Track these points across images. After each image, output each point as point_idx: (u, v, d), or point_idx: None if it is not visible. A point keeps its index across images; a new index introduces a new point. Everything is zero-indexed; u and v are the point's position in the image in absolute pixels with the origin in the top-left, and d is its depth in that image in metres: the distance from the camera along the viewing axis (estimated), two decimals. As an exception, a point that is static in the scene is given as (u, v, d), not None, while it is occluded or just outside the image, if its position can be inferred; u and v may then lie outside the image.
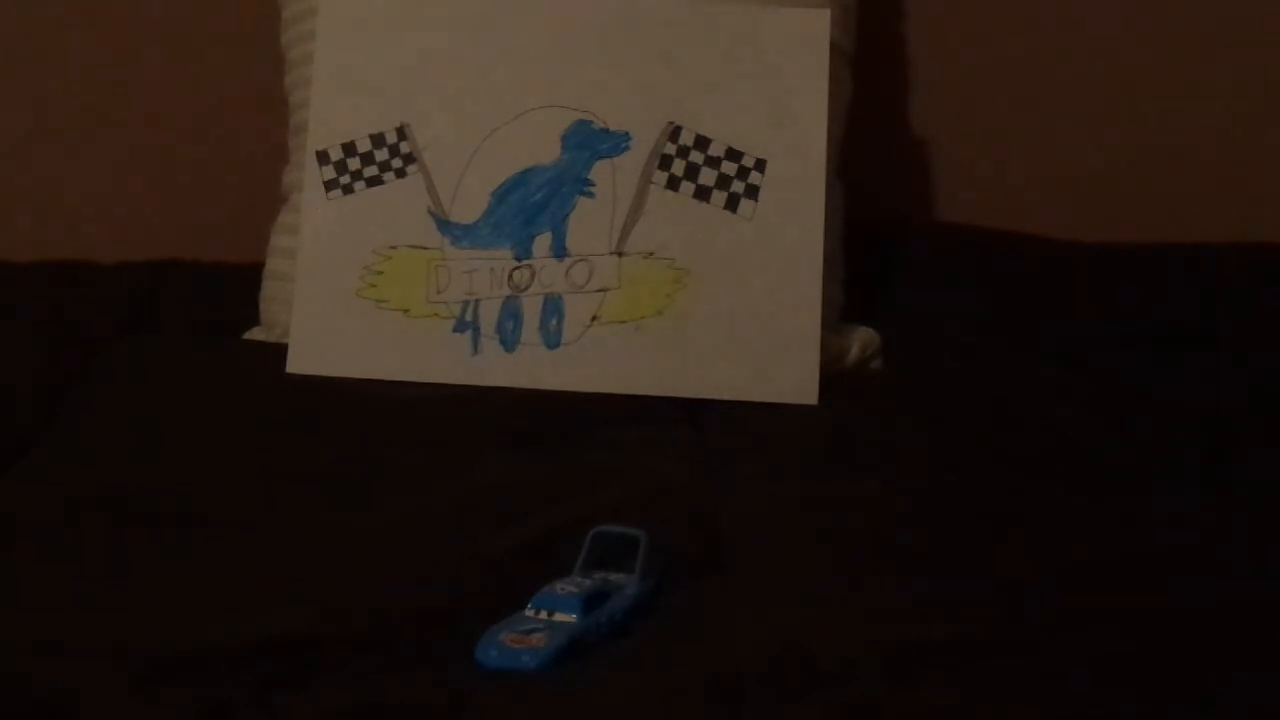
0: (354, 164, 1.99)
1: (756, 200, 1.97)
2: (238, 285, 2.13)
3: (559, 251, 1.97)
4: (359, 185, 1.99)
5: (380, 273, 1.97)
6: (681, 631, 1.43)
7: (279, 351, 1.98)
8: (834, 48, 2.02)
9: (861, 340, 2.05)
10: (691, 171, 1.97)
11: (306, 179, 2.00)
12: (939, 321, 2.12)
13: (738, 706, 1.31)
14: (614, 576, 1.47)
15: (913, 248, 2.24)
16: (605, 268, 1.96)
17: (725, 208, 1.97)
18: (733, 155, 1.97)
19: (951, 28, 2.35)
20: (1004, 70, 2.35)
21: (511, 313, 1.96)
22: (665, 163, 1.97)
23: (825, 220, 1.97)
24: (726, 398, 1.93)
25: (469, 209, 1.98)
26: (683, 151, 1.97)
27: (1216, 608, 1.45)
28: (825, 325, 1.97)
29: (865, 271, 2.10)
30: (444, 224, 1.98)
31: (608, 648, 1.40)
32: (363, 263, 1.98)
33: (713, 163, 1.97)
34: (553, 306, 1.96)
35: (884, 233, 2.22)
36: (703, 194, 1.97)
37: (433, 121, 1.99)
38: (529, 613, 1.41)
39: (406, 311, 1.97)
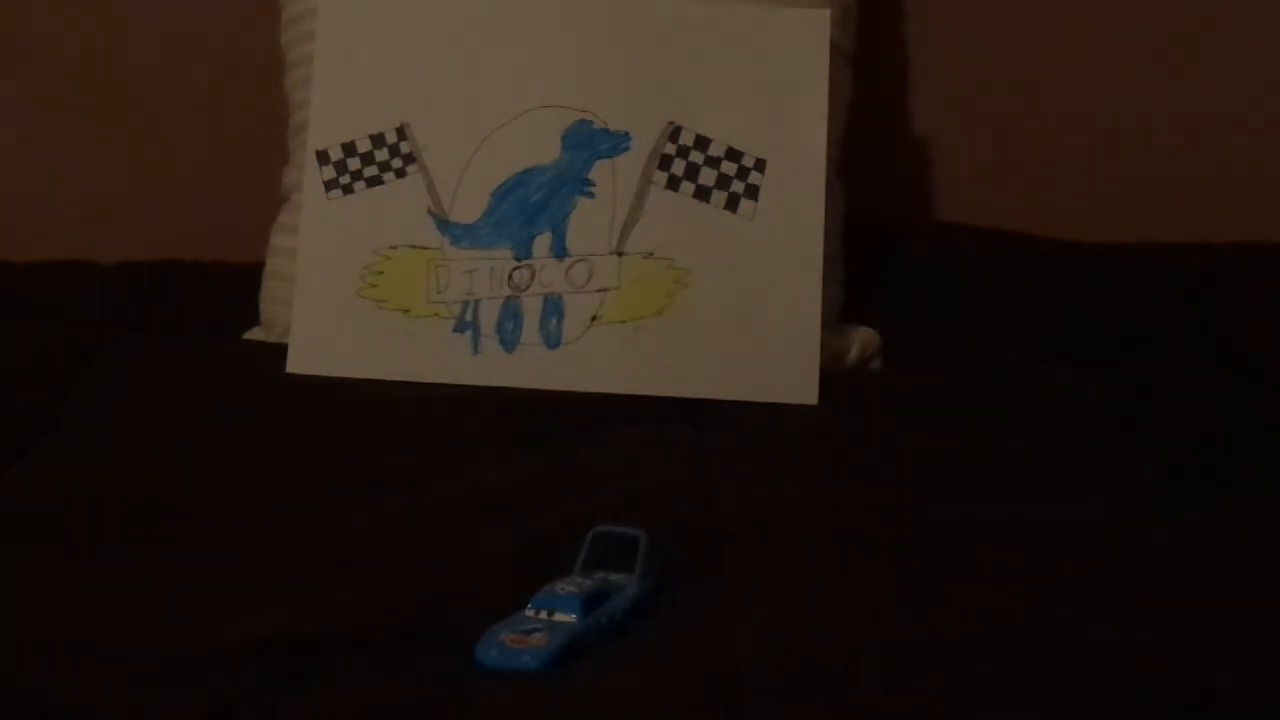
0: (354, 164, 1.99)
1: (756, 200, 1.97)
2: (238, 285, 2.13)
3: (559, 251, 1.97)
4: (359, 185, 1.99)
5: (380, 273, 1.97)
6: (681, 631, 1.43)
7: (279, 351, 1.98)
8: (834, 48, 2.02)
9: (861, 340, 2.05)
10: (691, 171, 1.97)
11: (306, 179, 2.00)
12: (939, 321, 2.12)
13: (738, 706, 1.31)
14: (614, 576, 1.47)
15: (913, 248, 2.24)
16: (605, 268, 1.96)
17: (725, 208, 1.97)
18: (733, 155, 1.97)
19: (951, 28, 2.35)
20: (1004, 70, 2.35)
21: (511, 313, 1.96)
22: (665, 163, 1.97)
23: (825, 220, 1.97)
24: (726, 398, 1.93)
25: (469, 209, 1.98)
26: (683, 151, 1.97)
27: (1216, 607, 1.45)
28: (825, 325, 1.97)
29: (865, 271, 2.10)
30: (444, 224, 1.98)
31: (608, 648, 1.39)
32: (363, 263, 1.98)
33: (713, 163, 1.97)
34: (553, 306, 1.96)
35: (884, 233, 2.22)
36: (703, 194, 1.97)
37: (433, 121, 1.99)
38: (529, 613, 1.41)
39: (406, 311, 1.97)
